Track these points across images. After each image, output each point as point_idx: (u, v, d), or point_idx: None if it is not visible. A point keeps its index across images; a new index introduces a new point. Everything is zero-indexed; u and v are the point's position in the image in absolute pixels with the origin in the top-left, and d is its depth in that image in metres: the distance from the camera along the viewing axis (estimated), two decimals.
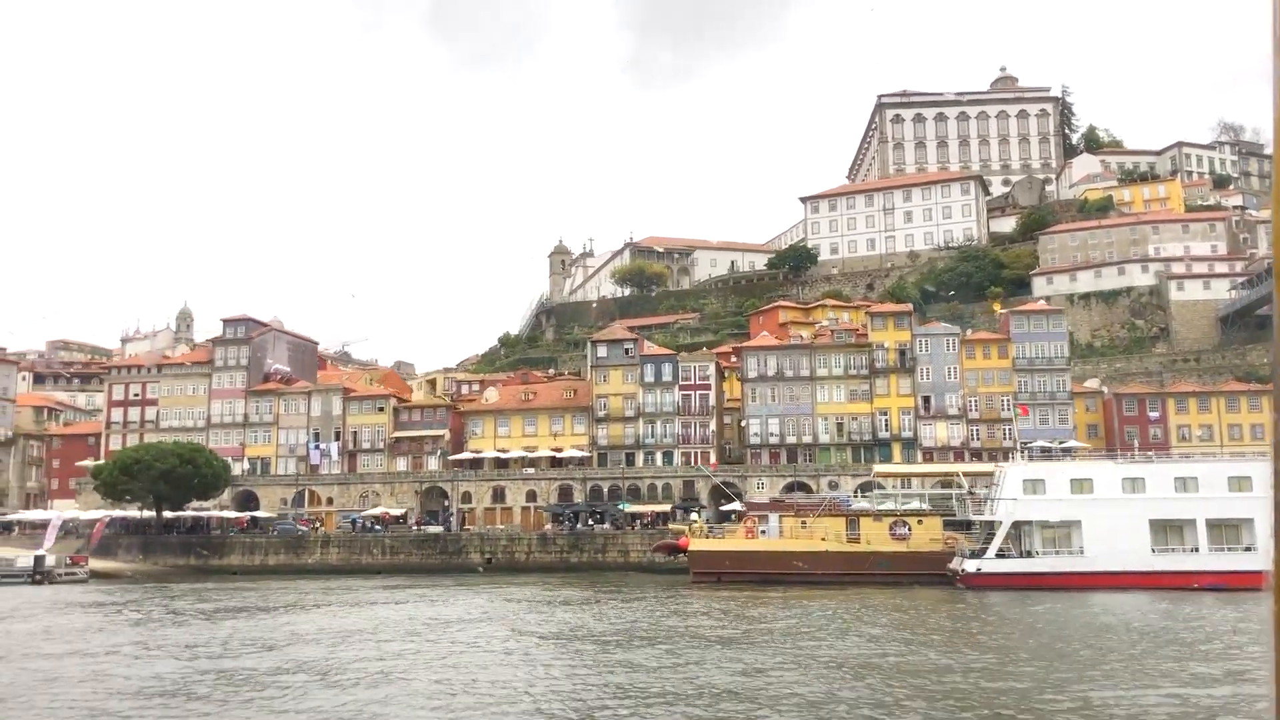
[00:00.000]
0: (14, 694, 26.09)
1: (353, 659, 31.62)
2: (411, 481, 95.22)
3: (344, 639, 36.72)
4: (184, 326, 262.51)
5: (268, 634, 39.07)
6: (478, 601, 52.51)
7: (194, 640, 37.04)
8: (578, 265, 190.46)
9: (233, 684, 27.20)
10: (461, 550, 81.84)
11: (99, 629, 41.63)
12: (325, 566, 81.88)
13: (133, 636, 38.84)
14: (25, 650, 34.56)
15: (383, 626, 40.86)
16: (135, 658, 32.72)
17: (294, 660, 31.44)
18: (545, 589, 60.55)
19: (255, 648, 34.77)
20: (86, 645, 35.78)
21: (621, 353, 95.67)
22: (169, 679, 27.93)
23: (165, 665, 30.78)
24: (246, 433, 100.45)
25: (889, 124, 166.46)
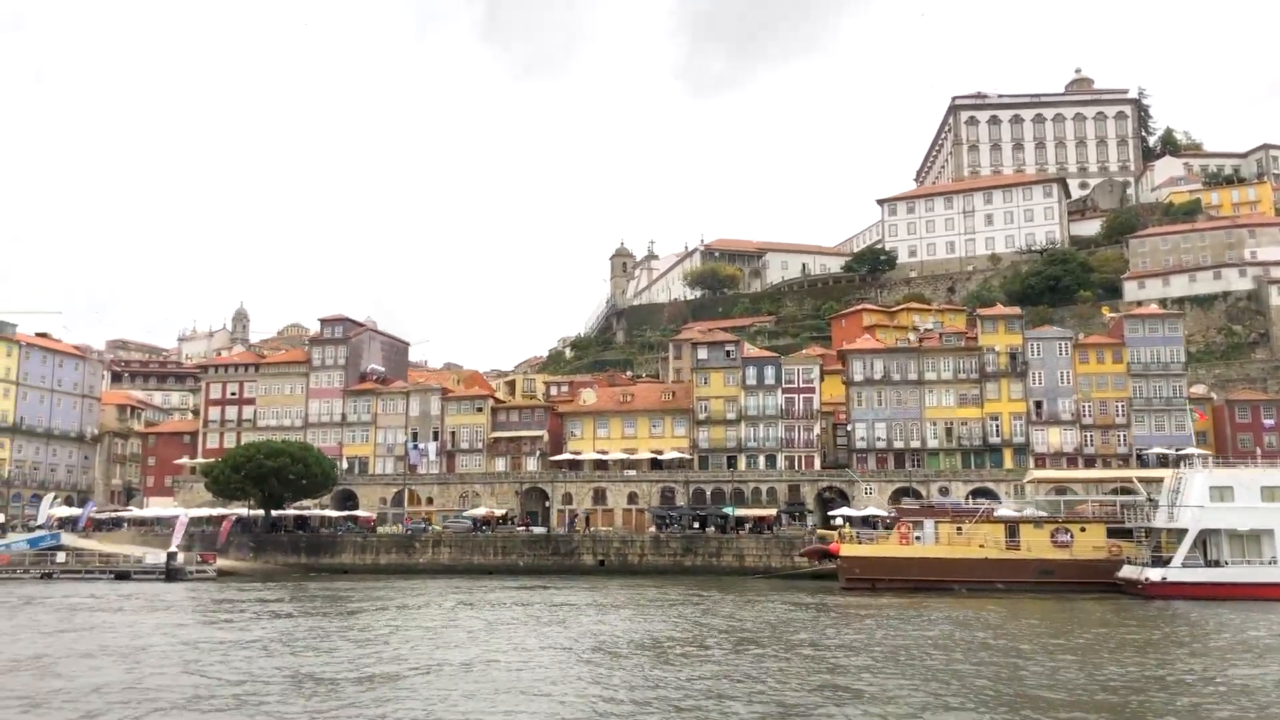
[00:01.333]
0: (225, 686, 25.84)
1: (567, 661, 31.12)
2: (512, 482, 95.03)
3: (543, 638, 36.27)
4: (240, 327, 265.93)
5: (438, 631, 38.80)
6: (628, 604, 51.87)
7: (369, 636, 36.80)
8: (641, 268, 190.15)
9: (441, 675, 26.87)
10: (574, 551, 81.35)
11: (277, 628, 41.48)
12: (436, 566, 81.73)
13: (308, 635, 38.62)
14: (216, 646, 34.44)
15: (606, 632, 40.36)
16: (328, 655, 32.43)
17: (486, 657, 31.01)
18: (683, 592, 59.81)
19: (433, 644, 34.56)
20: (287, 646, 35.61)
21: (723, 355, 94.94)
22: (380, 673, 27.62)
23: (378, 661, 30.46)
24: (344, 432, 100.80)
25: (963, 126, 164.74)
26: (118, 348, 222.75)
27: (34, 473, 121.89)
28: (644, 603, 52.79)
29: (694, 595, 57.00)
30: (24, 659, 31.69)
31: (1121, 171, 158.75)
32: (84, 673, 28.87)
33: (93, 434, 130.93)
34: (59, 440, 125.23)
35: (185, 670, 29.31)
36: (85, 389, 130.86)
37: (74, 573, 69.74)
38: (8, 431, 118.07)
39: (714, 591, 61.07)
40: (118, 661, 31.21)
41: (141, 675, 28.35)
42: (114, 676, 28.23)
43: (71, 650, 33.58)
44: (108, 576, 68.65)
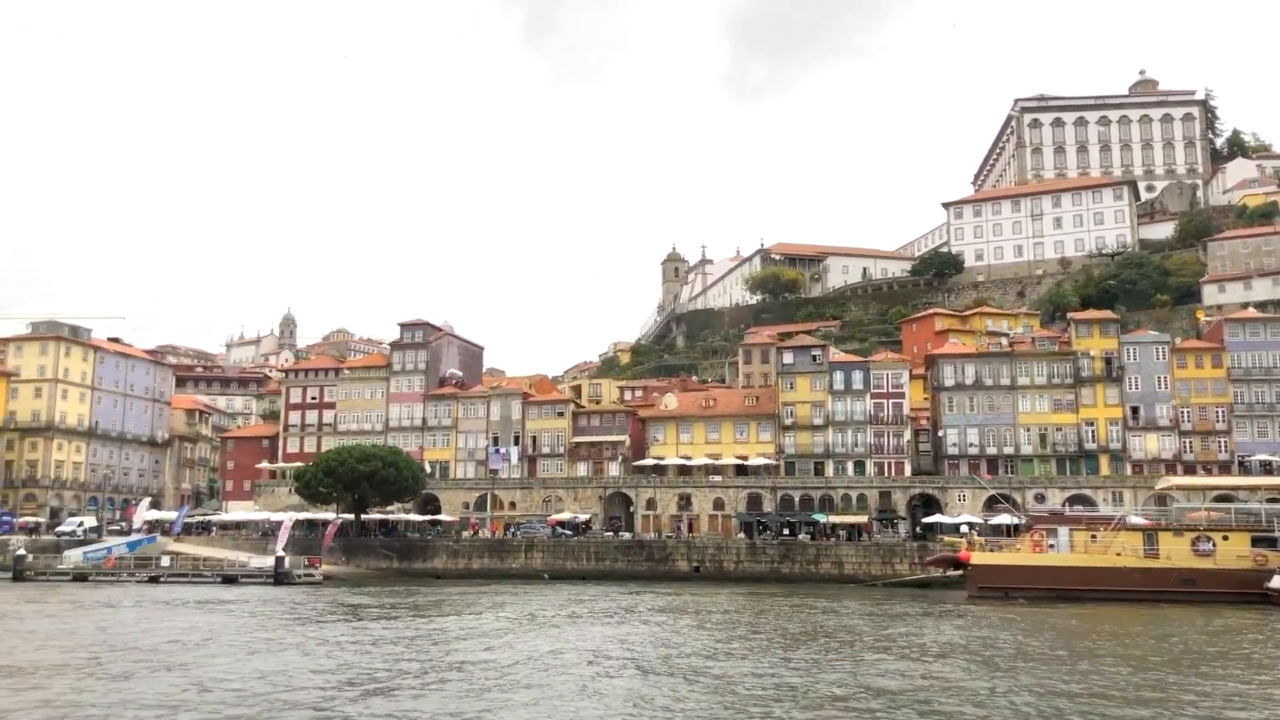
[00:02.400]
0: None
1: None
2: (595, 487, 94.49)
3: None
4: (287, 332, 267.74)
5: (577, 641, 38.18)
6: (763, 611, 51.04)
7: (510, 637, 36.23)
8: (696, 273, 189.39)
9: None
10: (668, 557, 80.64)
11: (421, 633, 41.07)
12: (529, 571, 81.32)
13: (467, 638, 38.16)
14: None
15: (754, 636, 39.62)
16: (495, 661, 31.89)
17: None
18: (800, 600, 58.92)
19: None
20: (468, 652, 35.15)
21: (809, 359, 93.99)
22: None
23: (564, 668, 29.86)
24: (425, 436, 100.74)
25: (1027, 128, 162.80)
26: (167, 352, 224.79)
27: (108, 477, 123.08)
28: (778, 610, 51.93)
29: (816, 604, 56.03)
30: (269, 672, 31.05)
31: (1189, 174, 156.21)
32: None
33: (163, 438, 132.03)
34: (132, 444, 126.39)
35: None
36: (156, 393, 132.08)
37: (180, 576, 69.86)
38: (84, 435, 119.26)
39: (830, 599, 60.11)
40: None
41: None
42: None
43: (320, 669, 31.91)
44: (215, 580, 68.71)
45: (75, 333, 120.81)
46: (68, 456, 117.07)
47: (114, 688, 27.04)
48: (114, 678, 28.71)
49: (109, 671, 29.90)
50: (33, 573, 71.62)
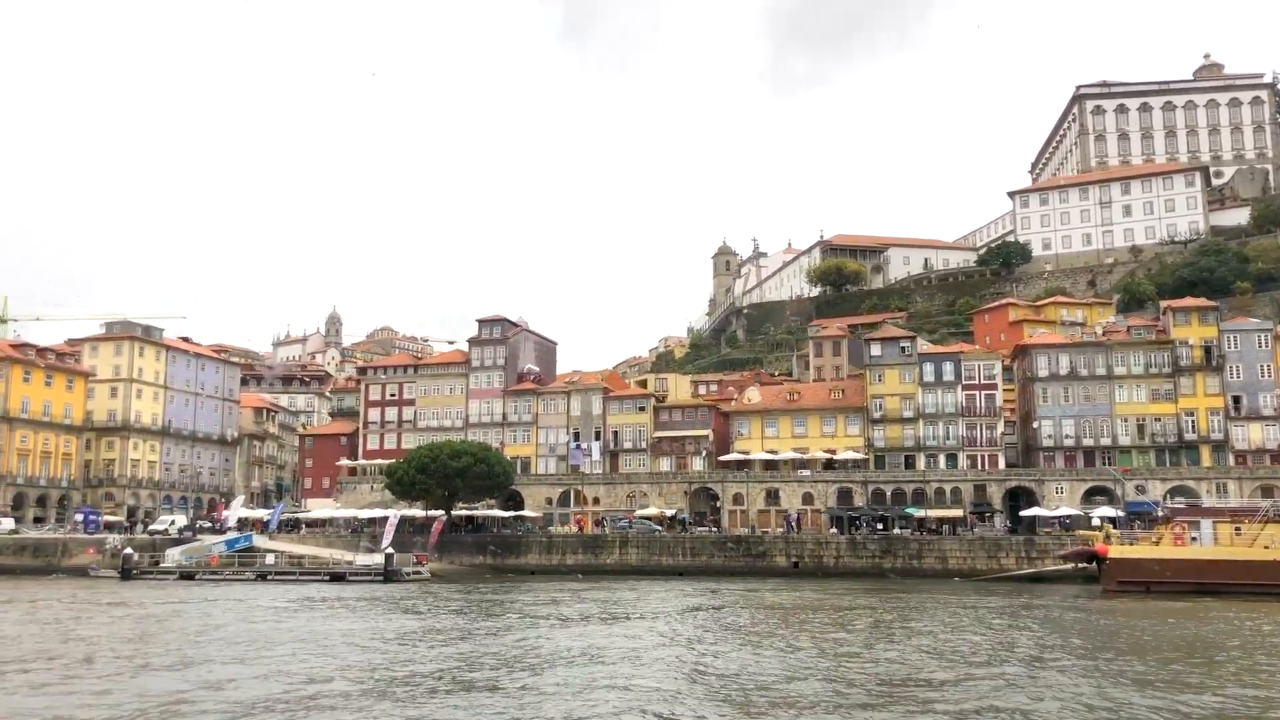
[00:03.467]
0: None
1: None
2: (680, 482, 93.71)
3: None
4: (333, 331, 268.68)
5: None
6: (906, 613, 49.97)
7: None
8: (750, 266, 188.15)
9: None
10: (766, 553, 79.70)
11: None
12: (624, 567, 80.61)
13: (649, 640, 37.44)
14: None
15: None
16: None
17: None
18: (922, 598, 57.79)
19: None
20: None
21: (898, 351, 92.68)
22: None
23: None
24: (505, 432, 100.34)
25: (1089, 115, 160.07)
26: (217, 351, 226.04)
27: (181, 475, 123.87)
28: (932, 609, 50.88)
29: (943, 602, 54.89)
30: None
31: (1259, 158, 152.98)
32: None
33: (232, 436, 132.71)
34: (203, 443, 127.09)
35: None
36: (225, 392, 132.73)
37: (287, 574, 69.76)
38: (158, 435, 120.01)
39: (957, 594, 59.01)
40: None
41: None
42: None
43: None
44: (323, 578, 68.51)
45: (148, 332, 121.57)
46: (143, 456, 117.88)
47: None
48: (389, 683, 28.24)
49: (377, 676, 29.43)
50: (137, 571, 71.79)
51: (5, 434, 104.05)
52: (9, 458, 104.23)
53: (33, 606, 50.85)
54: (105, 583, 68.74)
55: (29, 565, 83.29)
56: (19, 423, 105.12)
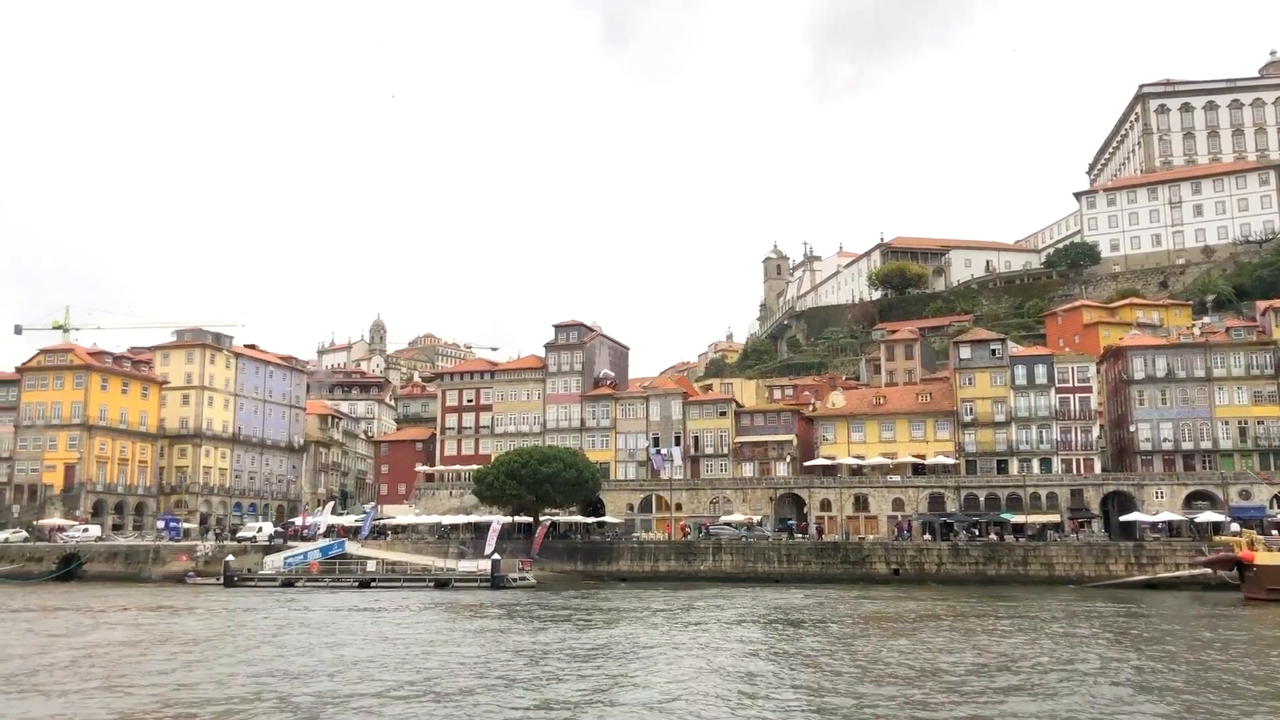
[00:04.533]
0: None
1: None
2: (765, 488, 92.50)
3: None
4: (377, 338, 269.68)
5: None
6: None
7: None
8: (803, 269, 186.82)
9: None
10: (865, 559, 78.33)
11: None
12: (718, 574, 79.50)
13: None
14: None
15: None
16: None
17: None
18: (1046, 607, 56.30)
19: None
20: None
21: (988, 354, 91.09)
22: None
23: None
24: (584, 437, 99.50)
25: (1153, 115, 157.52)
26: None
27: (250, 482, 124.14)
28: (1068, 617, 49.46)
29: (1075, 612, 53.40)
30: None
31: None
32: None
33: (299, 443, 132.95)
34: (271, 450, 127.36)
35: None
36: (292, 399, 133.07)
37: (390, 581, 69.23)
38: (228, 442, 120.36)
39: (1073, 603, 57.47)
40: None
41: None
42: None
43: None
44: (428, 584, 67.92)
45: (218, 340, 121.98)
46: (214, 463, 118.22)
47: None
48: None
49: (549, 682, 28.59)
50: (237, 579, 71.53)
51: (85, 441, 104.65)
52: (89, 465, 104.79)
53: (172, 614, 50.48)
54: (210, 590, 68.50)
55: (120, 573, 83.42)
56: (98, 430, 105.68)
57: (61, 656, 34.03)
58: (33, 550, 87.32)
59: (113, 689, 27.25)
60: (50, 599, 62.24)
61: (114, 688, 27.46)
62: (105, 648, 36.61)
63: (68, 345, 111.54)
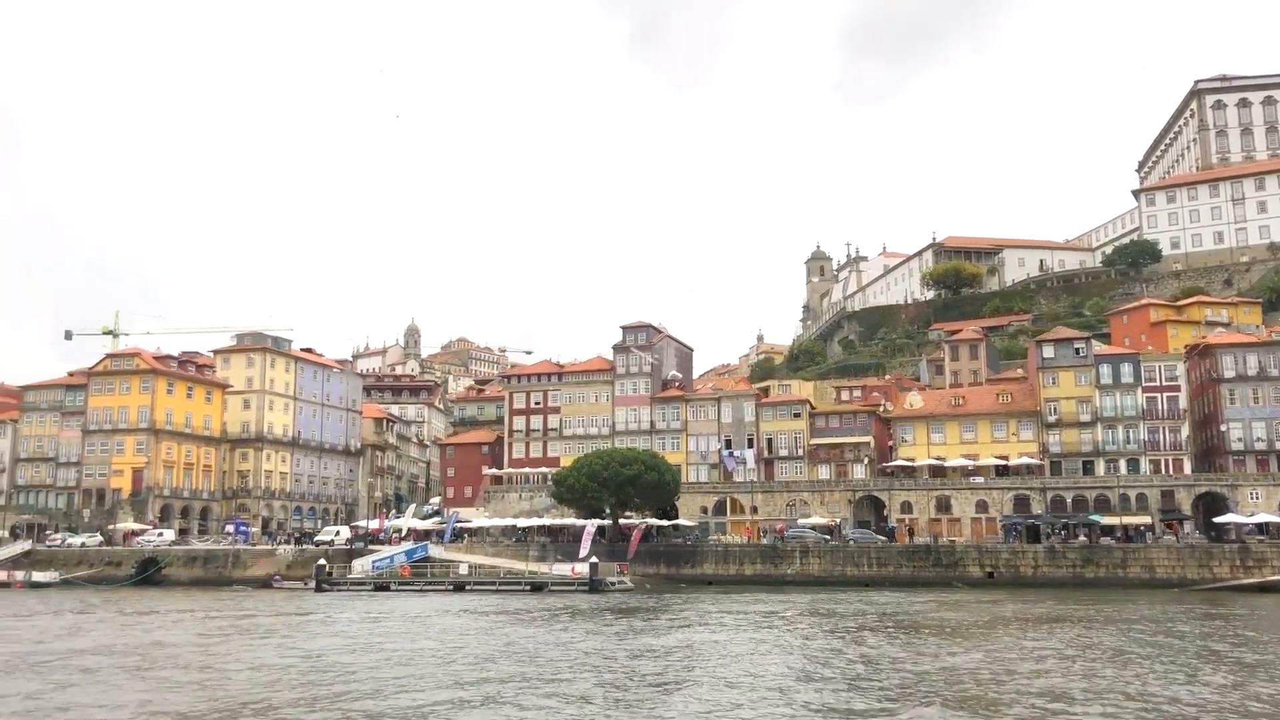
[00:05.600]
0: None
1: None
2: (843, 490, 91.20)
3: None
4: (412, 342, 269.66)
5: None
6: None
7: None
8: (849, 270, 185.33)
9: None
10: (958, 562, 76.90)
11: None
12: (806, 577, 78.25)
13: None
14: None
15: None
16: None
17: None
18: (1180, 606, 54.83)
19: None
20: None
21: (1072, 353, 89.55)
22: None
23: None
24: (654, 439, 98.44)
25: (1209, 110, 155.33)
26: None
27: (309, 486, 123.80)
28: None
29: (1226, 613, 51.99)
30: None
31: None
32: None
33: (356, 447, 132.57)
34: (329, 453, 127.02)
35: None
36: (349, 402, 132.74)
37: (485, 585, 68.40)
38: (288, 445, 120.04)
39: (1193, 608, 55.99)
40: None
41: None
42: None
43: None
44: (524, 588, 67.04)
45: (277, 343, 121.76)
46: (274, 466, 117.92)
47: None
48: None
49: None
50: (329, 584, 70.85)
51: (152, 446, 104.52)
52: (156, 469, 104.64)
53: (300, 617, 49.74)
54: (305, 594, 67.84)
55: (199, 577, 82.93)
56: (164, 434, 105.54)
57: (278, 664, 33.01)
58: (110, 554, 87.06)
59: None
60: (154, 602, 61.67)
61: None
62: (303, 655, 35.80)
63: (134, 350, 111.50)
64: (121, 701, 25.77)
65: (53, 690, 27.74)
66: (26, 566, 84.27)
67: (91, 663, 33.22)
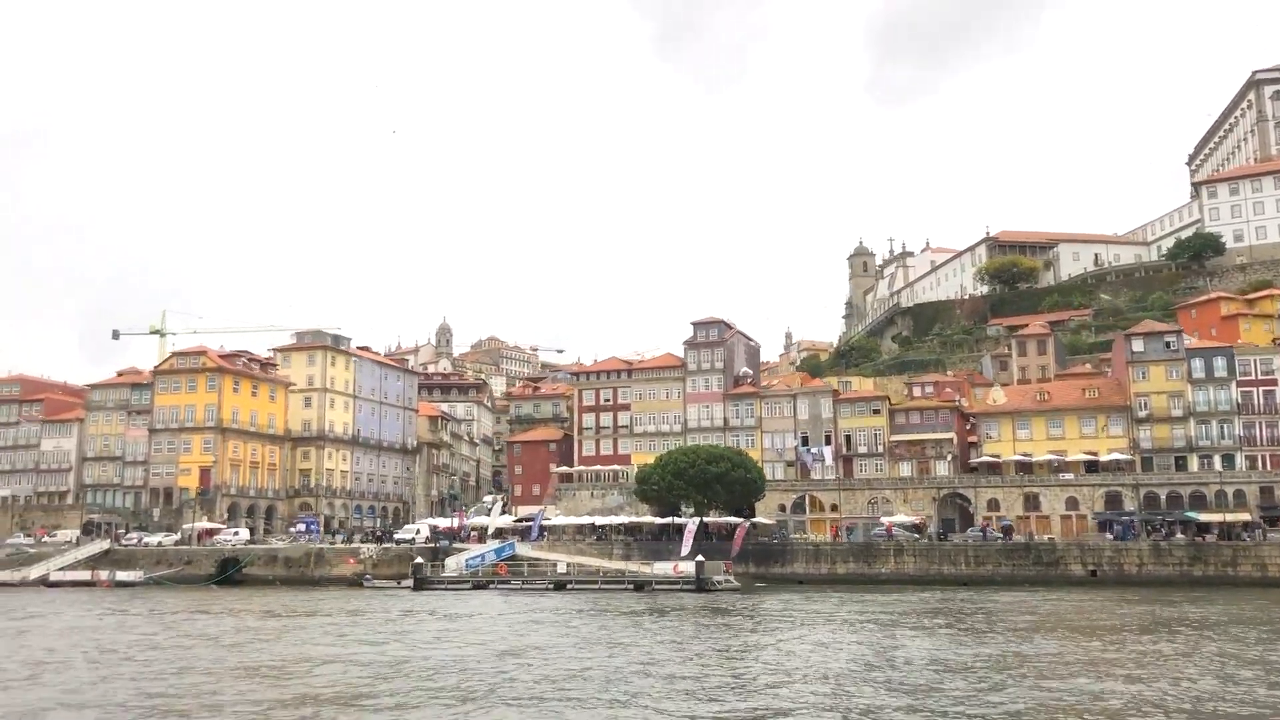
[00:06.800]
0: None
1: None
2: (927, 487, 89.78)
3: None
4: (444, 341, 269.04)
5: None
6: None
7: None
8: (896, 266, 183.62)
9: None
10: (1059, 560, 75.36)
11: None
12: (900, 576, 76.88)
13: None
14: None
15: None
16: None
17: None
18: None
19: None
20: None
21: (1162, 346, 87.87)
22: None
23: None
24: (726, 436, 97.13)
25: (1267, 101, 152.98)
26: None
27: (369, 484, 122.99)
28: None
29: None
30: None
31: None
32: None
33: (412, 445, 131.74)
34: (387, 451, 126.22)
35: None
36: (405, 400, 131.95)
37: (586, 584, 67.26)
38: (348, 444, 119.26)
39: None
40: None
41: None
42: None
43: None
44: (626, 586, 65.88)
45: (336, 341, 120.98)
46: (335, 465, 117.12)
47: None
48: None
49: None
50: (427, 583, 69.82)
51: (219, 444, 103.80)
52: (223, 468, 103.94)
53: (445, 619, 48.62)
54: (404, 593, 66.84)
55: (281, 576, 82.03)
56: (231, 433, 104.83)
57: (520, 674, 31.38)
58: (190, 554, 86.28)
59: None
60: (255, 602, 60.77)
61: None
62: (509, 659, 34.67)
63: (199, 348, 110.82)
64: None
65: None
66: (106, 566, 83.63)
67: (333, 670, 31.80)
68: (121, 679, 29.92)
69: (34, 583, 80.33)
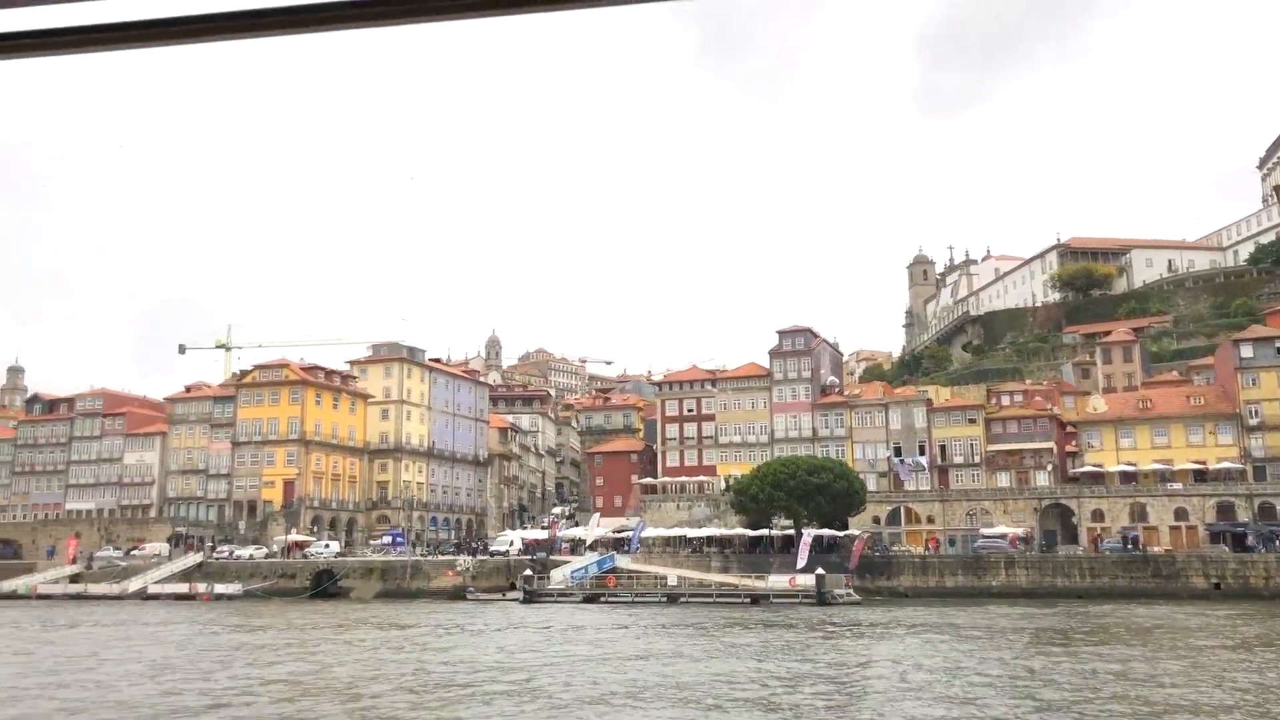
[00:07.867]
0: None
1: None
2: (1028, 498, 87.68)
3: None
4: (493, 354, 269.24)
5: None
6: None
7: None
8: (960, 274, 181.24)
9: None
10: (1179, 573, 73.06)
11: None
12: (1012, 589, 74.87)
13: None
14: None
15: None
16: None
17: None
18: None
19: None
20: None
21: (1273, 352, 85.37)
22: None
23: None
24: (815, 447, 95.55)
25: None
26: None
27: (443, 496, 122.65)
28: None
29: None
30: None
31: None
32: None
33: (484, 456, 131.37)
34: (460, 463, 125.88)
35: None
36: (477, 412, 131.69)
37: (700, 597, 66.07)
38: (424, 456, 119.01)
39: None
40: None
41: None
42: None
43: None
44: (743, 600, 64.62)
45: (412, 354, 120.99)
46: (412, 477, 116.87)
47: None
48: None
49: None
50: (537, 596, 68.92)
51: (303, 457, 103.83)
52: (306, 481, 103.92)
53: (574, 633, 47.71)
54: (514, 606, 65.98)
55: (381, 589, 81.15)
56: (314, 445, 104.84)
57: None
58: (284, 567, 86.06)
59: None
60: (365, 614, 60.11)
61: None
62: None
63: (282, 360, 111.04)
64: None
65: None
66: (199, 579, 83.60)
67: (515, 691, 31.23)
68: (328, 692, 29.18)
69: (132, 595, 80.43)
